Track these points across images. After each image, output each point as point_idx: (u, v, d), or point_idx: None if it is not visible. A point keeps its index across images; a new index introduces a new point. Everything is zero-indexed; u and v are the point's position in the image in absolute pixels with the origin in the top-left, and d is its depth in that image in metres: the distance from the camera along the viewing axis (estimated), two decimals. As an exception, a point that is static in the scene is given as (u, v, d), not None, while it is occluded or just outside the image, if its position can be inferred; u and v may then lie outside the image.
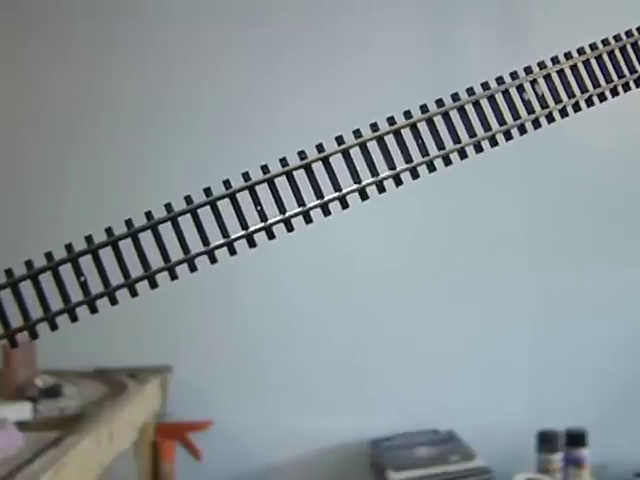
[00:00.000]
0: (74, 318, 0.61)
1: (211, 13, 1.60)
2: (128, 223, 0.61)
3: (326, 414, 1.61)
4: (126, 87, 1.60)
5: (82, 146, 1.60)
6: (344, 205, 0.64)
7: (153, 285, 0.62)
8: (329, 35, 1.61)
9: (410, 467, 1.44)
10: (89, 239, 0.61)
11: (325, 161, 0.63)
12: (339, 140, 0.63)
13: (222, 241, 0.62)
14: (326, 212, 0.64)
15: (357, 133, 0.64)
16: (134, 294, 0.61)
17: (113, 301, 0.61)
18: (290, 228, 0.63)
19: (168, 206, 0.62)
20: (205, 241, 0.62)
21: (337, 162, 0.64)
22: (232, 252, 0.62)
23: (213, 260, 0.62)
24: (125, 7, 1.59)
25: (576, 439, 1.51)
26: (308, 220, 0.63)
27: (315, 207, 0.63)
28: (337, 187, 0.64)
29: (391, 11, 1.62)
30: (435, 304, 1.64)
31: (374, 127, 0.64)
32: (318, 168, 0.63)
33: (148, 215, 0.61)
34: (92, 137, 1.60)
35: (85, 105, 1.60)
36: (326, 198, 0.63)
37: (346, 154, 0.63)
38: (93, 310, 0.61)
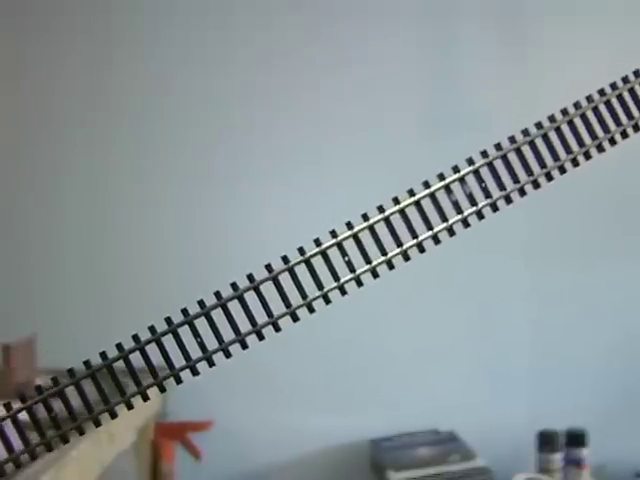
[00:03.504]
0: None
1: (215, 13, 1.60)
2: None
3: (326, 414, 1.61)
4: (128, 87, 1.60)
5: (83, 147, 1.59)
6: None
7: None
8: (332, 35, 1.61)
9: (410, 467, 1.44)
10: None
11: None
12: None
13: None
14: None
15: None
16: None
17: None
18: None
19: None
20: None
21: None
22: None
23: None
24: (129, 6, 1.59)
25: (576, 439, 1.51)
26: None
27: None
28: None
29: (391, 12, 1.62)
30: (435, 305, 1.64)
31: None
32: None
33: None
34: (93, 138, 1.60)
35: (86, 105, 1.60)
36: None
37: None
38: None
